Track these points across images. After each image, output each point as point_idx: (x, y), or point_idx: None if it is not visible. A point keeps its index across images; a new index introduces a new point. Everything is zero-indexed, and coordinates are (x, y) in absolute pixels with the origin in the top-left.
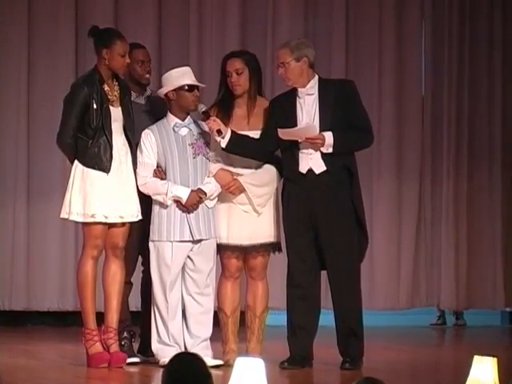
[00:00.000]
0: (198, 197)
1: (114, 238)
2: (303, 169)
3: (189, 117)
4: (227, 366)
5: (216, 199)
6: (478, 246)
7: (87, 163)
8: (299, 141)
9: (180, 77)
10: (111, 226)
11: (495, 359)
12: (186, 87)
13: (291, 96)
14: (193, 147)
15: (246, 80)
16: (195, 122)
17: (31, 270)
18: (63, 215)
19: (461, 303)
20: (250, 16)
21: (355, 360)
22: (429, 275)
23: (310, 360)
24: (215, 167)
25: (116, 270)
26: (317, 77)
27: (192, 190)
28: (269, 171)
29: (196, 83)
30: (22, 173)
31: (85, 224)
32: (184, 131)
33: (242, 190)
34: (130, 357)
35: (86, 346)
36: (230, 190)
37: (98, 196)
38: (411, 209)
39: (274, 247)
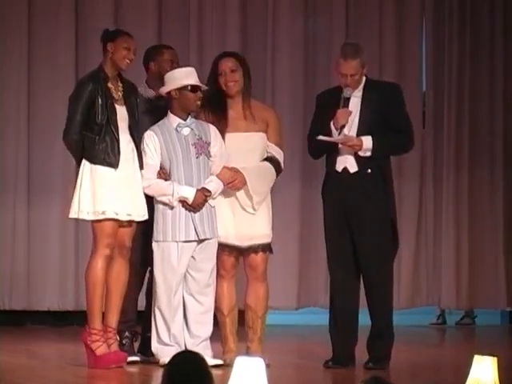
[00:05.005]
0: (203, 196)
1: (121, 237)
2: (339, 167)
3: (190, 116)
4: (227, 366)
5: (217, 198)
6: (479, 245)
7: (95, 160)
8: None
9: (184, 77)
10: (119, 224)
11: (495, 359)
12: (190, 87)
13: (336, 94)
14: (195, 147)
15: (240, 77)
16: (196, 121)
17: (31, 270)
18: (72, 215)
19: (462, 303)
20: (250, 16)
21: (379, 360)
22: (429, 275)
23: (353, 360)
24: (218, 165)
25: (120, 270)
26: (364, 78)
27: (197, 190)
28: (269, 170)
29: (200, 84)
30: (21, 173)
31: (96, 223)
32: (186, 131)
33: (245, 182)
34: (130, 355)
35: (92, 346)
36: (233, 184)
37: (108, 193)
38: (411, 208)
39: (269, 248)
